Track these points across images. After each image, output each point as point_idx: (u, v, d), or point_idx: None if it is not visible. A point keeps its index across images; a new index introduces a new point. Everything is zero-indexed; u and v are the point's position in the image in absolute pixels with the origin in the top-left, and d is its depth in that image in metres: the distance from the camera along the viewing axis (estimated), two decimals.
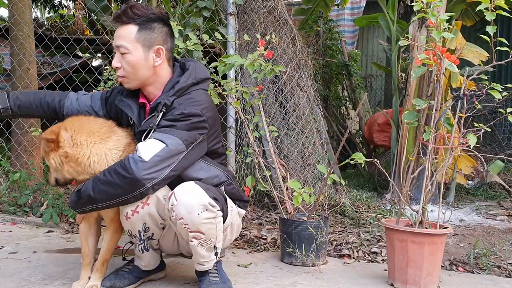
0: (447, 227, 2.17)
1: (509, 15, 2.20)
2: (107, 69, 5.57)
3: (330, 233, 2.95)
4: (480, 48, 4.28)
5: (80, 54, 7.50)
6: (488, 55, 4.19)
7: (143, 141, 1.88)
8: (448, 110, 2.33)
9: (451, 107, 2.48)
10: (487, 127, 2.20)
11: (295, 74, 3.89)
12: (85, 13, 10.41)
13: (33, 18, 4.72)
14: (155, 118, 1.92)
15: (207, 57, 3.28)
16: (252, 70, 2.44)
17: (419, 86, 4.15)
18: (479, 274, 2.43)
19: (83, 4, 10.06)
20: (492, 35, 2.11)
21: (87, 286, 1.98)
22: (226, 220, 1.99)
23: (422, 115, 2.86)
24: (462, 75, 3.40)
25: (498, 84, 2.16)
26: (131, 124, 2.05)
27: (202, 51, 2.96)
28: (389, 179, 2.57)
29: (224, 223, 1.97)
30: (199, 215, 1.81)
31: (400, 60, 4.85)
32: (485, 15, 2.12)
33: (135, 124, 2.02)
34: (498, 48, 2.14)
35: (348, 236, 2.97)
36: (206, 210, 1.82)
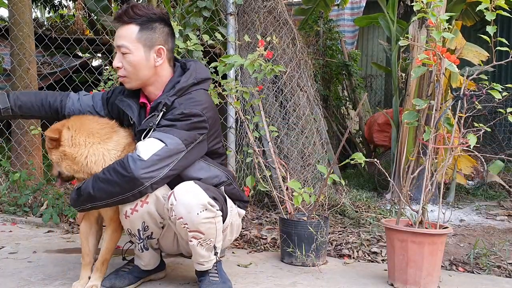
0: (447, 227, 2.17)
1: (509, 15, 2.20)
2: (107, 69, 5.57)
3: (330, 233, 2.95)
4: (480, 48, 4.27)
5: (80, 54, 7.50)
6: (488, 55, 4.18)
7: (143, 140, 1.88)
8: (448, 110, 2.33)
9: (451, 107, 2.48)
10: (487, 127, 2.20)
11: (295, 74, 3.89)
12: (85, 13, 10.41)
13: (33, 18, 4.72)
14: (155, 118, 1.92)
15: (207, 57, 3.27)
16: (252, 70, 2.44)
17: (419, 86, 4.15)
18: (479, 274, 2.43)
19: (83, 4, 10.06)
20: (492, 35, 2.11)
21: (87, 286, 1.98)
22: (225, 220, 1.99)
23: (422, 115, 2.86)
24: (462, 75, 3.40)
25: (498, 84, 2.16)
26: (131, 124, 2.05)
27: (202, 51, 2.96)
28: (389, 179, 2.57)
29: (223, 223, 1.97)
30: (198, 214, 1.81)
31: (400, 60, 4.84)
32: (485, 15, 2.12)
33: (135, 124, 2.02)
34: (498, 48, 2.14)
35: (348, 236, 2.97)
36: (206, 210, 1.83)
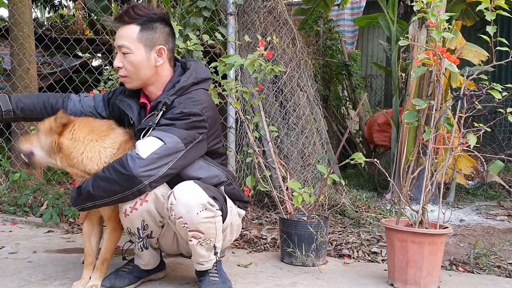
0: (447, 227, 2.17)
1: (509, 15, 2.20)
2: (107, 69, 5.57)
3: (330, 233, 2.95)
4: (480, 48, 4.27)
5: (80, 54, 7.50)
6: (488, 55, 4.19)
7: (142, 139, 1.88)
8: (448, 110, 2.33)
9: (451, 107, 2.47)
10: (487, 127, 2.20)
11: (295, 74, 3.89)
12: (85, 13, 10.41)
13: (33, 18, 4.72)
14: (154, 117, 1.93)
15: (207, 57, 3.27)
16: (252, 70, 2.43)
17: (419, 86, 4.15)
18: (479, 274, 2.43)
19: (83, 4, 10.06)
20: (492, 35, 2.11)
21: (87, 286, 1.98)
22: (225, 220, 1.99)
23: (422, 115, 2.86)
24: (462, 75, 3.40)
25: (498, 84, 2.16)
26: (132, 124, 2.05)
27: (202, 51, 2.96)
28: (389, 179, 2.57)
29: (223, 223, 1.97)
30: (198, 214, 1.81)
31: (400, 60, 4.84)
32: (485, 15, 2.12)
33: (135, 124, 2.02)
34: (498, 48, 2.14)
35: (348, 236, 2.97)
36: (205, 209, 1.83)
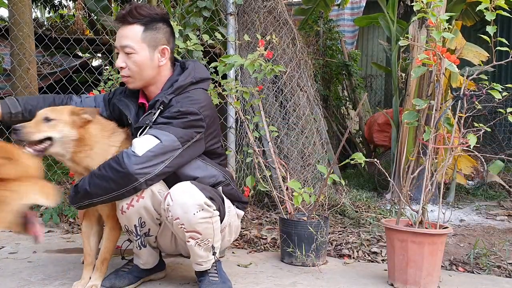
0: (447, 227, 2.17)
1: (509, 15, 2.20)
2: (107, 69, 5.57)
3: (330, 233, 2.95)
4: (480, 48, 4.27)
5: (80, 54, 7.50)
6: (488, 55, 4.18)
7: (139, 137, 1.89)
8: (448, 110, 2.33)
9: (451, 107, 2.47)
10: (487, 127, 2.20)
11: (295, 74, 3.89)
12: (85, 13, 10.41)
13: (33, 18, 4.72)
14: (151, 116, 1.93)
15: (207, 57, 3.27)
16: (252, 70, 2.44)
17: (419, 86, 4.15)
18: (479, 274, 2.43)
19: (83, 4, 10.06)
20: (492, 35, 2.11)
21: (87, 286, 1.98)
22: (223, 220, 1.99)
23: (422, 115, 2.86)
24: (462, 75, 3.40)
25: (498, 84, 2.16)
26: (130, 124, 2.06)
27: (202, 51, 2.96)
28: (389, 179, 2.57)
29: (221, 223, 1.97)
30: (195, 214, 1.81)
31: (400, 60, 4.84)
32: (485, 15, 2.12)
33: (132, 124, 2.03)
34: (498, 48, 2.14)
35: (348, 236, 2.97)
36: (202, 210, 1.83)
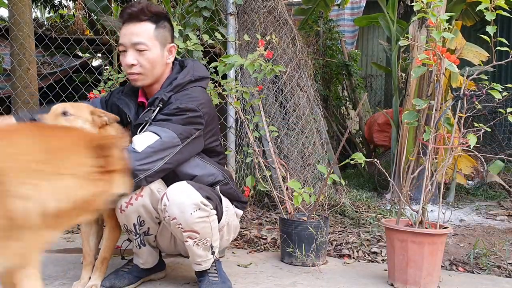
0: (447, 227, 2.17)
1: (509, 15, 2.20)
2: (107, 69, 5.57)
3: (330, 233, 2.95)
4: (480, 48, 4.27)
5: (80, 54, 7.49)
6: (488, 55, 4.18)
7: (139, 134, 1.89)
8: (448, 110, 2.33)
9: (451, 107, 2.47)
10: (487, 127, 2.20)
11: (295, 74, 3.89)
12: (85, 13, 10.40)
13: (33, 18, 4.72)
14: (151, 113, 1.94)
15: (207, 57, 3.27)
16: (252, 70, 2.44)
17: (419, 86, 4.15)
18: (479, 274, 2.43)
19: (83, 4, 10.05)
20: (492, 35, 2.11)
21: (87, 286, 1.98)
22: (221, 219, 1.99)
23: (422, 115, 2.86)
24: (462, 75, 3.40)
25: (498, 84, 2.16)
26: (129, 122, 2.06)
27: (202, 51, 2.96)
28: (389, 179, 2.57)
29: (219, 222, 1.97)
30: (192, 214, 1.81)
31: (400, 60, 4.84)
32: (485, 15, 2.12)
33: (132, 122, 2.04)
34: (498, 48, 2.14)
35: (348, 236, 2.97)
36: (199, 209, 1.83)
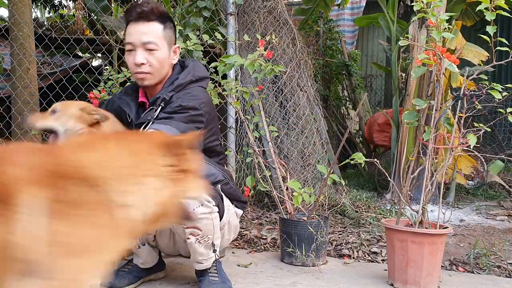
0: (447, 227, 2.17)
1: (509, 15, 2.20)
2: (107, 69, 5.57)
3: (330, 233, 2.95)
4: (480, 48, 4.27)
5: (80, 54, 7.49)
6: (488, 55, 4.18)
7: None
8: (448, 110, 2.33)
9: (451, 107, 2.47)
10: (487, 127, 2.20)
11: (295, 74, 3.89)
12: (85, 13, 10.40)
13: (33, 18, 4.72)
14: (153, 112, 1.94)
15: (207, 57, 3.27)
16: (252, 70, 2.44)
17: (419, 86, 4.15)
18: (479, 274, 2.43)
19: (83, 4, 10.05)
20: (492, 35, 2.11)
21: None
22: (222, 218, 1.99)
23: (422, 115, 2.86)
24: (462, 75, 3.40)
25: (498, 84, 2.16)
26: (129, 122, 2.06)
27: (202, 51, 2.96)
28: (389, 179, 2.57)
29: (220, 220, 1.97)
30: (194, 210, 1.81)
31: (400, 60, 4.84)
32: (485, 15, 2.12)
33: (133, 121, 2.03)
34: (498, 48, 2.14)
35: (348, 236, 2.97)
36: (202, 205, 1.84)
